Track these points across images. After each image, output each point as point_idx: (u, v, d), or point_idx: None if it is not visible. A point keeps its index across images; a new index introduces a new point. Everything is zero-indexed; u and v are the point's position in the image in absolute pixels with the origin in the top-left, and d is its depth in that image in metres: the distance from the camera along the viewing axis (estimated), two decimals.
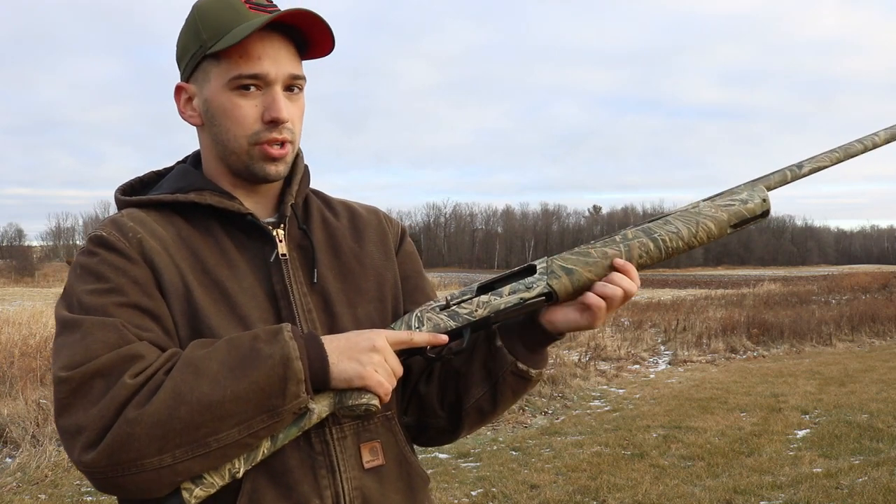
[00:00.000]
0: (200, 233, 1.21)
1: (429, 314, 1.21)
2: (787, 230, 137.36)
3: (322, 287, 1.25)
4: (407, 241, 1.43)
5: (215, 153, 1.24)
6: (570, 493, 5.24)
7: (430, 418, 1.35)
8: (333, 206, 1.38)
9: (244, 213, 1.21)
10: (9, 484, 5.41)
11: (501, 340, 1.28)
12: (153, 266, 1.14)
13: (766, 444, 6.50)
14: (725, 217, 1.22)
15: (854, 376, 9.90)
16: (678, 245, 1.21)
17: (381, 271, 1.33)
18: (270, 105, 1.18)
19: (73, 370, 1.03)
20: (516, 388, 1.30)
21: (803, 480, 5.39)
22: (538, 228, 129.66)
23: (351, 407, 1.11)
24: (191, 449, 1.02)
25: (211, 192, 1.22)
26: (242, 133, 1.19)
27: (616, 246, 1.20)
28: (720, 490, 5.22)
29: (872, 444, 6.38)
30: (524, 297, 1.19)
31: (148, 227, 1.18)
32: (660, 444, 6.56)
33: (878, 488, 5.06)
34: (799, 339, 14.07)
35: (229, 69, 1.17)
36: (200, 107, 1.22)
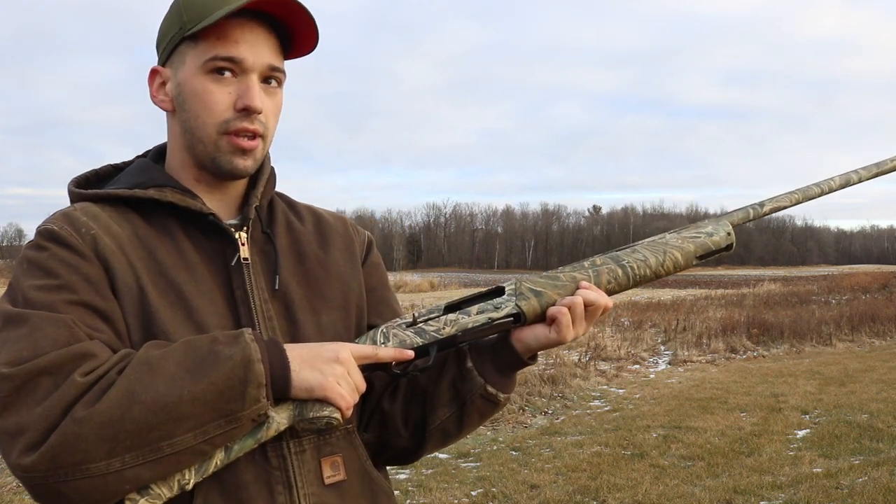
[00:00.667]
0: (158, 232, 1.15)
1: (395, 330, 1.18)
2: (787, 230, 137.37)
3: (284, 293, 1.20)
4: (374, 251, 1.39)
5: (182, 142, 1.18)
6: (570, 493, 5.24)
7: (392, 437, 1.29)
8: (298, 211, 1.33)
9: (206, 213, 1.15)
10: (9, 484, 5.40)
11: (472, 362, 1.24)
12: (107, 265, 1.08)
13: (766, 444, 6.50)
14: (692, 248, 1.27)
15: (854, 376, 9.90)
16: (646, 273, 1.24)
17: (347, 279, 1.28)
18: (244, 92, 1.13)
19: (17, 366, 0.96)
20: (483, 411, 1.27)
21: (803, 480, 5.39)
22: (538, 228, 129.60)
23: (312, 419, 1.06)
24: (142, 453, 0.95)
25: (172, 188, 1.16)
26: (212, 120, 1.13)
27: (585, 271, 1.22)
28: (720, 490, 5.22)
29: (872, 444, 6.38)
30: (492, 317, 1.19)
31: (102, 224, 1.11)
32: (660, 444, 6.56)
33: (878, 488, 5.06)
34: (799, 339, 14.07)
35: (206, 50, 1.12)
36: (173, 91, 1.17)
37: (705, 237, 1.28)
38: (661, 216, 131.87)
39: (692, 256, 1.27)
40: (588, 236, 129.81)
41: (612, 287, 1.23)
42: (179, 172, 1.20)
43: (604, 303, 1.21)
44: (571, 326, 1.18)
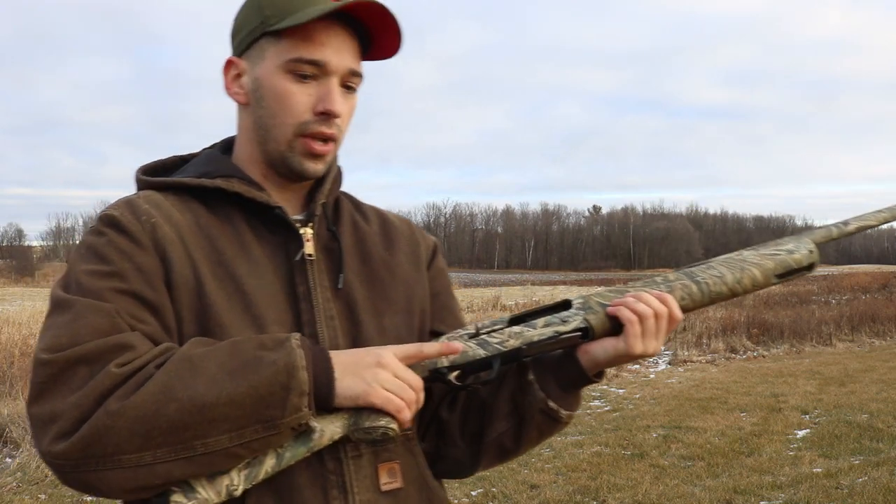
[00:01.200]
0: (221, 222, 1.13)
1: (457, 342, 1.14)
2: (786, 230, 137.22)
3: (347, 293, 1.17)
4: (439, 257, 1.36)
5: (254, 136, 1.16)
6: (570, 493, 5.24)
7: (449, 447, 1.26)
8: (364, 211, 1.31)
9: (272, 206, 1.13)
10: (9, 484, 5.40)
11: (534, 375, 1.19)
12: (164, 255, 1.06)
13: (766, 444, 6.50)
14: (771, 265, 1.21)
15: (854, 376, 9.90)
16: (721, 290, 1.19)
17: (411, 283, 1.25)
18: (325, 96, 1.11)
19: (55, 353, 0.96)
20: (543, 428, 1.21)
21: (803, 480, 5.39)
22: (538, 228, 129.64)
23: (367, 429, 1.02)
24: (174, 450, 0.94)
25: (239, 179, 1.15)
26: (290, 121, 1.12)
27: (657, 287, 1.18)
28: (720, 490, 5.22)
29: (872, 444, 6.38)
30: (559, 331, 1.14)
31: (164, 212, 1.10)
32: (660, 444, 6.56)
33: (878, 488, 5.06)
34: (799, 339, 14.07)
35: (289, 50, 1.10)
36: (249, 85, 1.15)
37: (785, 254, 1.23)
38: (661, 216, 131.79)
39: (771, 274, 1.21)
40: (588, 236, 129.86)
41: (685, 304, 1.18)
42: (247, 166, 1.18)
43: (676, 314, 1.15)
44: (641, 337, 1.13)
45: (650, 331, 1.14)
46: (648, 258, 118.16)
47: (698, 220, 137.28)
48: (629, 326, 1.13)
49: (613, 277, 55.09)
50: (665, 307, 1.15)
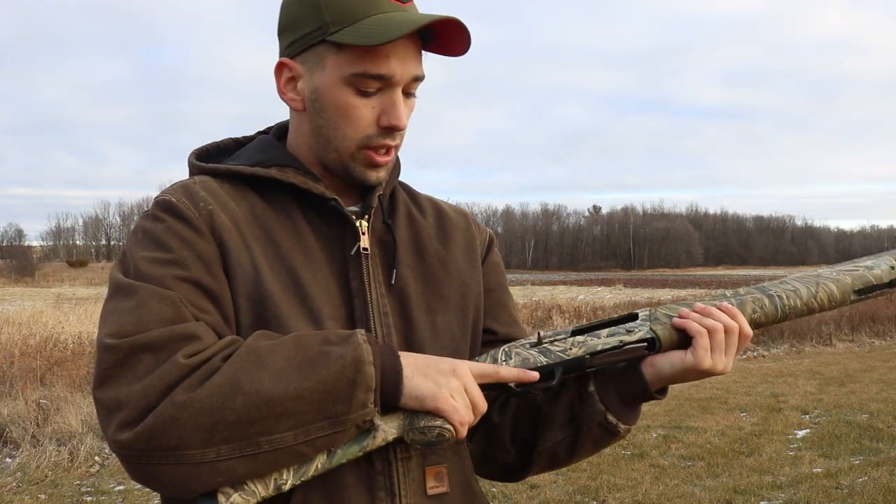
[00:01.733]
0: (276, 212, 1.10)
1: (518, 349, 1.11)
2: (787, 230, 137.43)
3: (401, 289, 1.14)
4: (494, 251, 1.31)
5: (313, 143, 1.12)
6: (570, 493, 5.25)
7: (497, 451, 1.22)
8: (420, 203, 1.26)
9: (328, 198, 1.10)
10: (9, 484, 5.41)
11: (594, 386, 1.15)
12: (222, 243, 1.04)
13: (766, 444, 6.50)
14: (849, 280, 1.17)
15: (854, 376, 9.90)
16: (796, 304, 1.15)
17: (466, 279, 1.21)
18: (390, 110, 1.07)
19: (121, 339, 0.93)
20: (599, 440, 1.18)
21: (803, 480, 5.39)
22: (538, 228, 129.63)
23: (422, 429, 0.99)
24: (239, 447, 0.91)
25: (295, 170, 1.11)
26: (354, 135, 1.08)
27: (727, 300, 1.14)
28: (720, 490, 5.22)
29: (872, 444, 6.38)
30: (624, 341, 1.10)
31: (220, 200, 1.08)
32: (660, 444, 6.56)
33: (878, 488, 5.06)
34: (799, 339, 14.07)
35: (352, 63, 1.04)
36: (307, 93, 1.10)
37: (864, 270, 1.19)
38: (661, 216, 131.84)
39: (850, 290, 1.17)
40: (588, 236, 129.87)
41: (757, 317, 1.14)
42: (304, 157, 1.14)
43: (746, 331, 1.11)
44: (710, 351, 1.09)
45: (719, 345, 1.09)
46: (648, 258, 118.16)
47: (698, 220, 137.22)
48: (698, 338, 1.08)
49: (613, 277, 55.11)
50: (735, 322, 1.10)
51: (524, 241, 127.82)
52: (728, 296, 1.15)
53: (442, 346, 1.13)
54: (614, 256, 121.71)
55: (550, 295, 27.40)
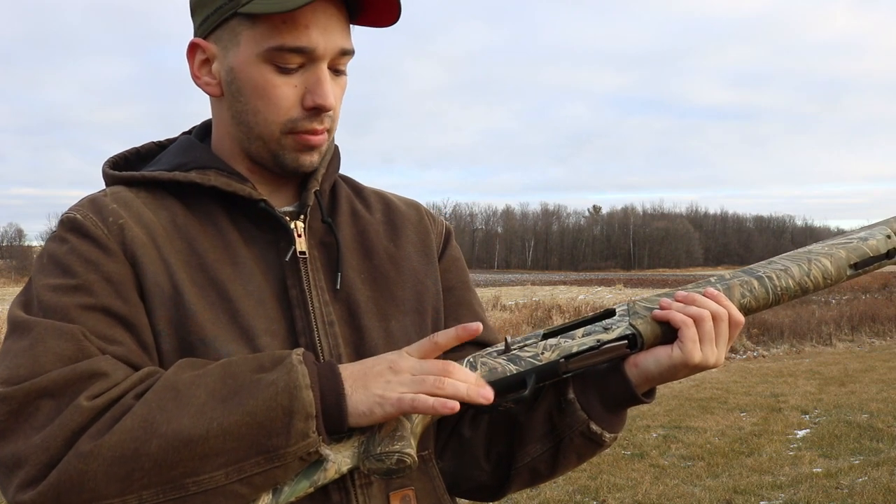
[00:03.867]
0: (200, 220, 0.99)
1: (484, 359, 0.99)
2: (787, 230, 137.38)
3: (348, 294, 1.02)
4: (452, 244, 1.18)
5: (233, 132, 1.01)
6: (570, 493, 5.25)
7: (471, 469, 1.09)
8: (366, 197, 1.14)
9: (256, 199, 0.99)
10: None
11: (574, 393, 1.03)
12: (135, 261, 0.93)
13: (766, 444, 6.50)
14: (843, 254, 1.07)
15: (854, 376, 9.90)
16: (788, 285, 1.04)
17: (421, 278, 1.10)
18: (315, 88, 0.96)
19: (14, 385, 0.82)
20: (583, 451, 1.06)
21: (803, 480, 5.39)
22: (538, 228, 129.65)
23: (379, 456, 0.88)
24: (163, 490, 0.80)
25: (217, 171, 1.00)
26: (276, 118, 0.97)
27: (711, 287, 1.03)
28: (720, 490, 5.23)
29: (872, 444, 6.38)
30: (601, 339, 0.98)
31: (134, 211, 0.97)
32: (660, 444, 6.56)
33: (878, 488, 5.06)
34: (799, 339, 14.08)
35: (268, 37, 0.94)
36: (222, 75, 0.99)
37: (858, 242, 1.09)
38: (661, 216, 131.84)
39: (845, 265, 1.07)
40: (588, 236, 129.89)
41: (746, 301, 1.03)
42: (229, 156, 1.04)
43: (736, 317, 1.00)
44: (698, 343, 0.97)
45: (708, 336, 0.98)
46: (648, 258, 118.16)
47: (698, 220, 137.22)
48: (684, 330, 0.97)
49: (613, 277, 55.10)
50: (722, 308, 0.99)
51: (524, 241, 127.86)
52: (713, 281, 1.05)
53: None
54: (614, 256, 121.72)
55: (550, 295, 27.40)
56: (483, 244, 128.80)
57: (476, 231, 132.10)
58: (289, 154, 1.00)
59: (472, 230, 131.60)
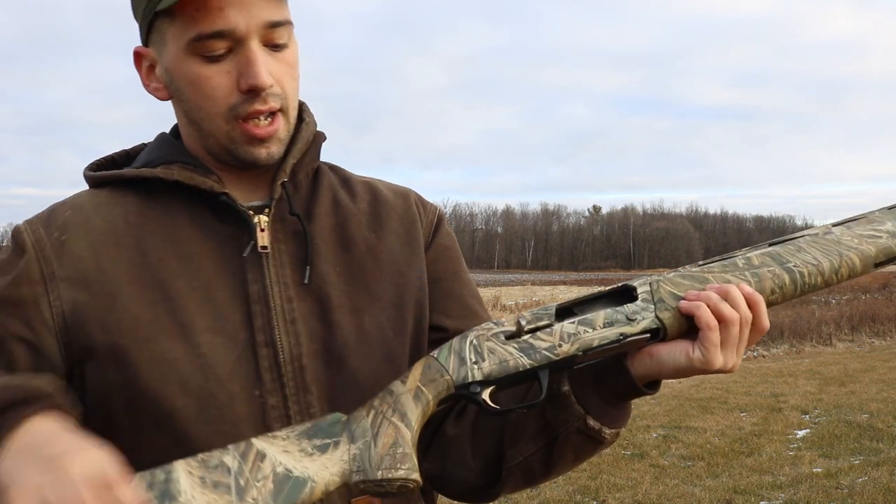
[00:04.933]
0: (157, 217, 0.97)
1: (491, 343, 0.89)
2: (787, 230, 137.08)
3: (319, 288, 0.98)
4: (443, 231, 1.12)
5: (191, 132, 1.00)
6: (570, 493, 5.25)
7: (457, 469, 1.02)
8: (352, 187, 1.10)
9: (217, 193, 0.96)
10: None
11: (570, 385, 0.95)
12: (66, 278, 0.92)
13: (766, 444, 6.51)
14: (872, 252, 0.99)
15: (854, 376, 9.90)
16: (816, 282, 0.96)
17: (403, 269, 1.04)
18: (245, 69, 0.92)
19: None
20: (581, 449, 0.98)
21: (803, 480, 5.39)
22: (538, 228, 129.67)
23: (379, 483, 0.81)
24: None
25: (182, 165, 0.98)
26: (216, 110, 0.94)
27: (741, 273, 0.93)
28: (720, 490, 5.23)
29: (872, 444, 6.38)
30: (625, 333, 0.89)
31: (83, 217, 0.97)
32: (660, 444, 6.57)
33: (878, 488, 5.06)
34: (799, 339, 14.09)
35: (187, 28, 0.91)
36: (163, 76, 0.97)
37: (888, 237, 1.01)
38: (661, 216, 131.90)
39: (871, 262, 1.00)
40: (588, 236, 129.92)
41: (775, 298, 0.94)
42: (198, 153, 1.02)
43: (764, 323, 0.92)
44: (719, 347, 0.89)
45: (732, 341, 0.89)
46: (648, 258, 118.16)
47: (698, 220, 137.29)
48: (708, 333, 0.88)
49: (613, 277, 55.10)
50: (751, 313, 0.90)
51: (524, 241, 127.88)
52: (740, 265, 0.94)
53: (370, 352, 0.98)
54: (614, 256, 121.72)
55: (550, 295, 27.42)
56: (483, 244, 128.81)
57: (476, 231, 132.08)
58: (241, 148, 0.96)
59: (472, 230, 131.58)
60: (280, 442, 0.81)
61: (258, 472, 0.78)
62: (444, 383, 0.87)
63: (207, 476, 0.77)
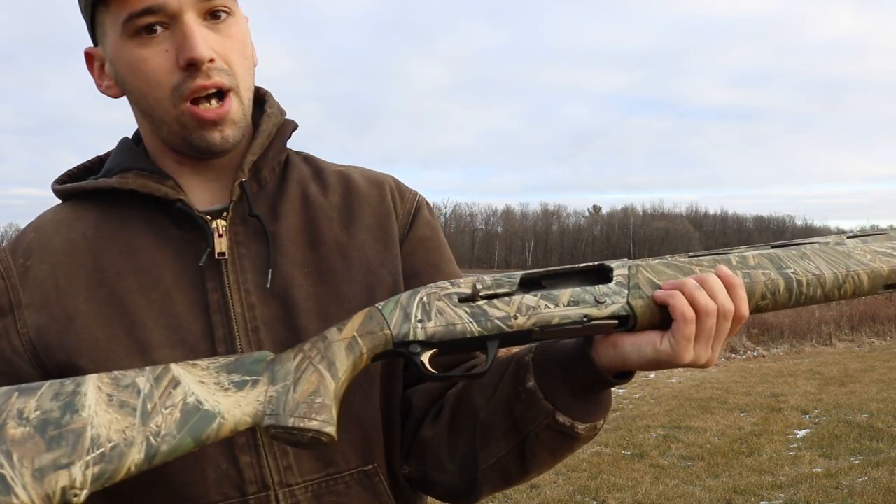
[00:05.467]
0: (114, 229, 0.95)
1: (441, 302, 0.83)
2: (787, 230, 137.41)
3: (284, 292, 0.94)
4: (421, 221, 1.05)
5: (147, 127, 0.97)
6: (570, 493, 5.25)
7: (437, 472, 0.99)
8: (325, 178, 1.04)
9: (172, 199, 0.93)
10: None
11: (535, 378, 0.89)
12: (30, 303, 0.91)
13: (766, 444, 6.51)
14: (885, 272, 0.91)
15: (854, 376, 9.90)
16: (815, 294, 0.88)
17: (374, 269, 0.99)
18: (181, 43, 0.87)
19: None
20: (556, 446, 0.92)
21: (803, 480, 5.39)
22: (538, 228, 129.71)
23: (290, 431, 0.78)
24: None
25: (137, 171, 0.95)
26: (161, 94, 0.90)
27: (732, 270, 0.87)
28: (720, 490, 5.23)
29: (872, 444, 6.38)
30: (589, 315, 0.83)
31: (45, 238, 0.95)
32: (660, 444, 6.57)
33: (878, 488, 5.07)
34: (799, 338, 14.08)
35: (119, 12, 0.88)
36: (111, 72, 0.94)
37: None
38: (661, 216, 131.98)
39: (881, 283, 0.92)
40: (588, 236, 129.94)
41: (765, 304, 0.87)
42: (158, 156, 0.98)
43: (743, 312, 0.84)
44: (693, 342, 0.82)
45: (707, 334, 0.83)
46: None
47: (698, 220, 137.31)
48: (682, 325, 0.81)
49: None
50: (732, 305, 0.83)
51: (524, 241, 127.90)
52: (734, 262, 0.88)
53: None
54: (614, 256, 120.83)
55: None
56: (483, 244, 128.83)
57: (476, 231, 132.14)
58: (194, 133, 0.91)
59: (472, 230, 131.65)
60: (198, 371, 0.78)
61: (168, 398, 0.75)
62: (383, 338, 0.82)
63: (116, 395, 0.75)
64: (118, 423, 0.73)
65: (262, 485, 0.90)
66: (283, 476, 0.91)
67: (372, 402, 0.97)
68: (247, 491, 0.90)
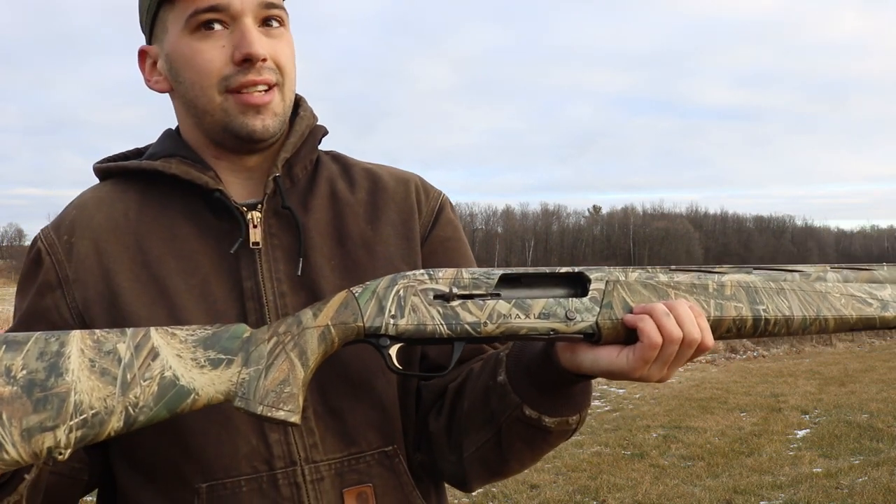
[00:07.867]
0: (155, 213, 1.01)
1: (416, 298, 0.86)
2: (787, 230, 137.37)
3: (312, 282, 0.99)
4: (443, 220, 1.10)
5: (190, 120, 1.02)
6: (570, 493, 5.25)
7: (440, 460, 1.04)
8: (353, 176, 1.09)
9: (211, 189, 0.98)
10: None
11: (506, 373, 0.94)
12: (77, 277, 0.98)
13: (766, 444, 6.51)
14: (852, 319, 0.94)
15: (854, 376, 9.91)
16: (779, 331, 0.92)
17: (397, 264, 1.03)
18: (239, 41, 0.95)
19: None
20: (529, 439, 0.97)
21: (803, 480, 5.39)
22: (538, 228, 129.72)
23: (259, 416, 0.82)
24: None
25: (181, 159, 1.00)
26: (210, 82, 0.96)
27: (706, 300, 0.89)
28: (720, 490, 5.23)
29: (872, 444, 6.39)
30: (556, 330, 0.86)
31: (87, 215, 1.01)
32: (660, 444, 6.57)
33: (878, 488, 5.07)
34: (799, 339, 14.08)
35: (184, 8, 0.96)
36: (164, 66, 1.01)
37: (877, 308, 0.94)
38: (661, 216, 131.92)
39: (846, 327, 0.95)
40: (588, 236, 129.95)
41: (729, 335, 0.91)
42: (198, 147, 1.04)
43: (707, 343, 0.87)
44: (651, 362, 0.86)
45: (666, 357, 0.86)
46: (648, 258, 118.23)
47: (698, 220, 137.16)
48: (645, 349, 0.84)
49: None
50: (698, 335, 0.86)
51: (524, 241, 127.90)
52: (710, 290, 0.90)
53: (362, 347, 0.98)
54: (614, 256, 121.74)
55: None
56: (483, 244, 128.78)
57: (476, 231, 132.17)
58: (236, 119, 0.97)
59: (472, 230, 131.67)
60: (177, 344, 0.82)
61: (147, 370, 0.79)
62: (355, 329, 0.85)
63: (98, 361, 0.78)
64: (100, 390, 0.78)
65: (290, 460, 0.95)
66: (309, 453, 0.96)
67: (392, 388, 1.02)
68: (275, 465, 0.95)
